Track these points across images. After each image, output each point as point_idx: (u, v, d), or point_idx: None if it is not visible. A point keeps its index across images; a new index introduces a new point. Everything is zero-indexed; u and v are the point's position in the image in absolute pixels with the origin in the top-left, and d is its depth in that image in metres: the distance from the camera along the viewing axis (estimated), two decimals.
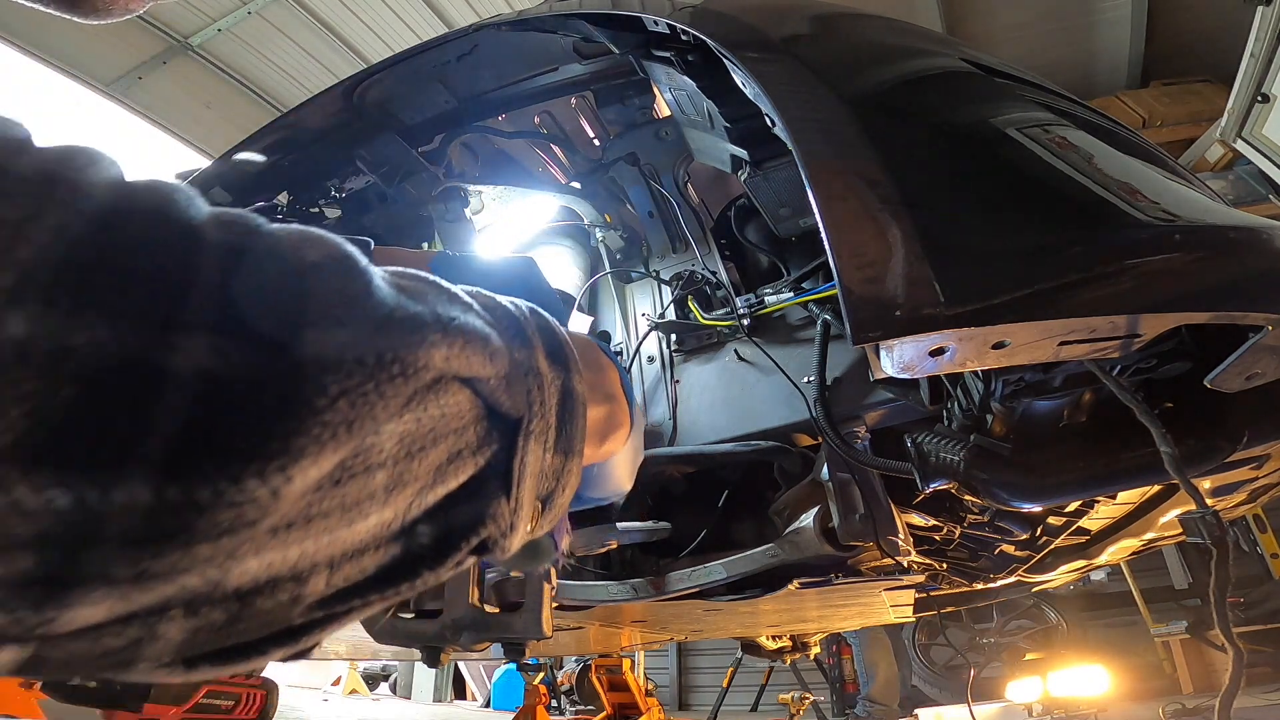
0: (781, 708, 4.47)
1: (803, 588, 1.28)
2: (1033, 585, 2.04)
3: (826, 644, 5.33)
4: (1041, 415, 0.94)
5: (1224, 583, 0.78)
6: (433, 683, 7.10)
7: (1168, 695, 4.14)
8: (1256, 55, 3.23)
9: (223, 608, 0.23)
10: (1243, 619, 4.17)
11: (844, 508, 1.16)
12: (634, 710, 4.20)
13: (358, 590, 0.28)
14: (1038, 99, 0.92)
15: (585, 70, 1.58)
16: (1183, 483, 0.78)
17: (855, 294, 0.68)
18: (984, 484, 0.96)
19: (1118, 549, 1.57)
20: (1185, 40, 5.22)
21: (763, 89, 0.85)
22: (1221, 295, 0.67)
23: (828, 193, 0.73)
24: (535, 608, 0.84)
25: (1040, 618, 5.03)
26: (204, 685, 2.39)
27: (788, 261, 1.59)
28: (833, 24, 1.05)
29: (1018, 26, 5.15)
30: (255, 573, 0.24)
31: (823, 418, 1.13)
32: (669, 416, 1.51)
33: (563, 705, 5.41)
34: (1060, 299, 0.65)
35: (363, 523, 0.26)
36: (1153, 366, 0.83)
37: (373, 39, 5.37)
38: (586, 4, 1.33)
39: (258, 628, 0.25)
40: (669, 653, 7.33)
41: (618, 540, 1.02)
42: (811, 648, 3.13)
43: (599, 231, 1.93)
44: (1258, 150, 3.45)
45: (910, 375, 0.74)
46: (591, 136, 1.89)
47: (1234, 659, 0.75)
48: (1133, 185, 0.75)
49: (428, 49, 1.57)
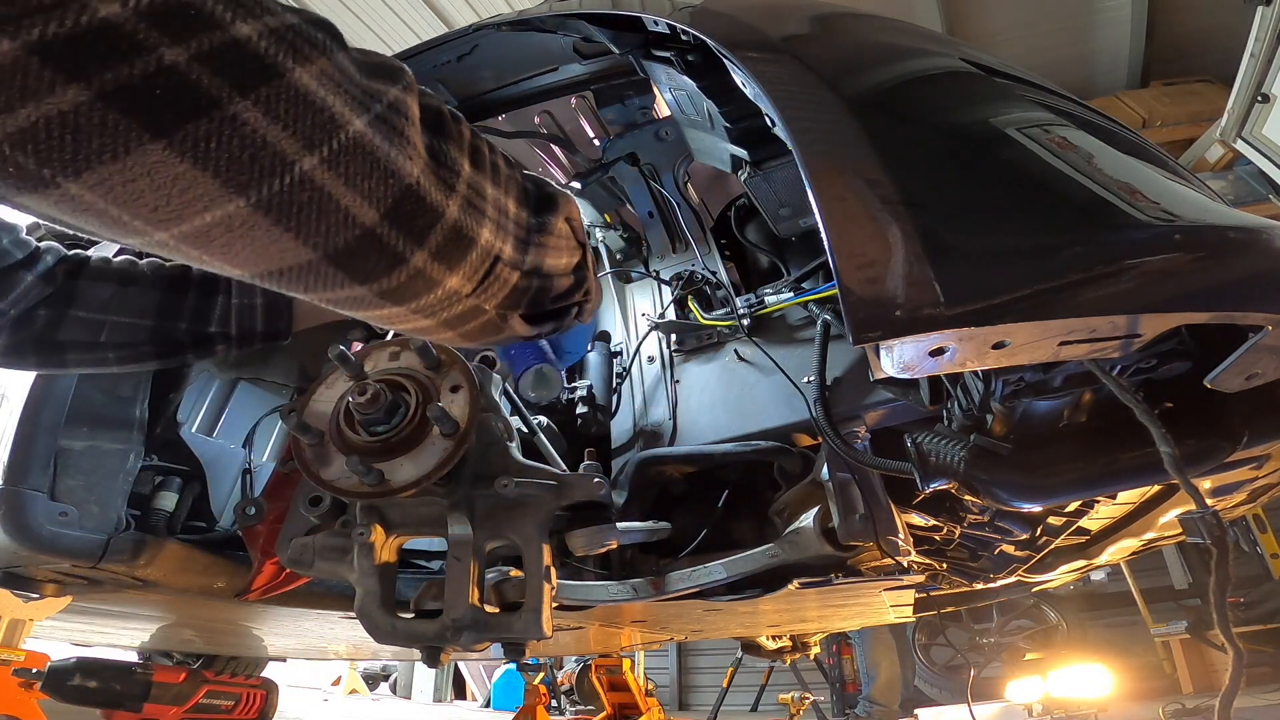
0: (781, 708, 4.47)
1: (803, 588, 1.28)
2: (1033, 585, 2.04)
3: (826, 644, 5.34)
4: (1041, 415, 0.94)
5: (1224, 583, 0.78)
6: (433, 683, 7.10)
7: (1168, 695, 4.14)
8: (1256, 55, 3.23)
9: None
10: (1243, 619, 4.17)
11: (844, 508, 1.16)
12: (634, 710, 4.20)
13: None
14: (1038, 99, 0.92)
15: (585, 70, 1.58)
16: (1183, 483, 0.78)
17: (855, 294, 0.68)
18: (984, 484, 0.96)
19: (1118, 549, 1.57)
20: (1185, 40, 5.23)
21: (763, 89, 0.85)
22: (1221, 295, 0.67)
23: (828, 193, 0.73)
24: (535, 608, 0.84)
25: (1040, 618, 5.03)
26: (204, 685, 2.39)
27: (788, 261, 1.59)
28: (833, 24, 1.05)
29: (1018, 26, 5.16)
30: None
31: (823, 418, 1.13)
32: (669, 416, 1.51)
33: (563, 705, 5.42)
34: (1060, 299, 0.65)
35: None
36: (1153, 366, 0.83)
37: (373, 39, 5.37)
38: (586, 4, 1.32)
39: None
40: (669, 653, 7.34)
41: (618, 540, 1.02)
42: (811, 648, 3.13)
43: (599, 231, 1.93)
44: (1258, 150, 3.45)
45: (910, 375, 0.74)
46: (591, 136, 1.89)
47: (1234, 659, 0.75)
48: (1133, 185, 0.75)
49: (428, 49, 1.57)
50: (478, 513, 0.87)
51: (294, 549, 0.91)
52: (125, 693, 2.18)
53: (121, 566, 1.36)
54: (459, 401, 0.85)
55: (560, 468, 1.05)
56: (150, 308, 0.90)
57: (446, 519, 0.86)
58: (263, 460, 2.09)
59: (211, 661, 3.46)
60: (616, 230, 1.93)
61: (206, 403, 2.02)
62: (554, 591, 0.89)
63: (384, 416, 0.82)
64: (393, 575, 0.88)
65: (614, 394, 1.60)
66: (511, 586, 0.98)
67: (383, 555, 0.86)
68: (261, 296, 0.94)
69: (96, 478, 1.37)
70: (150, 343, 0.89)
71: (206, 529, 1.61)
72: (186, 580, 1.47)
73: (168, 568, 1.41)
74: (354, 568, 0.85)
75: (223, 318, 0.92)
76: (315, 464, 0.84)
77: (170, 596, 1.62)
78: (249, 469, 1.90)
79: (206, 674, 2.48)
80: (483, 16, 2.22)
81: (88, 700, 2.11)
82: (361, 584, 0.84)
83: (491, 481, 0.87)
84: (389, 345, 0.93)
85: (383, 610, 0.84)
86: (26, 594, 1.59)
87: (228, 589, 1.52)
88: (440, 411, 0.80)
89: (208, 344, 0.92)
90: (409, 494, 0.81)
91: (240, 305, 0.93)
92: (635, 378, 1.63)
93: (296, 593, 1.38)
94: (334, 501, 0.90)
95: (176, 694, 2.29)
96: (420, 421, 0.83)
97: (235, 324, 0.92)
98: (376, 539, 0.85)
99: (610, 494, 1.09)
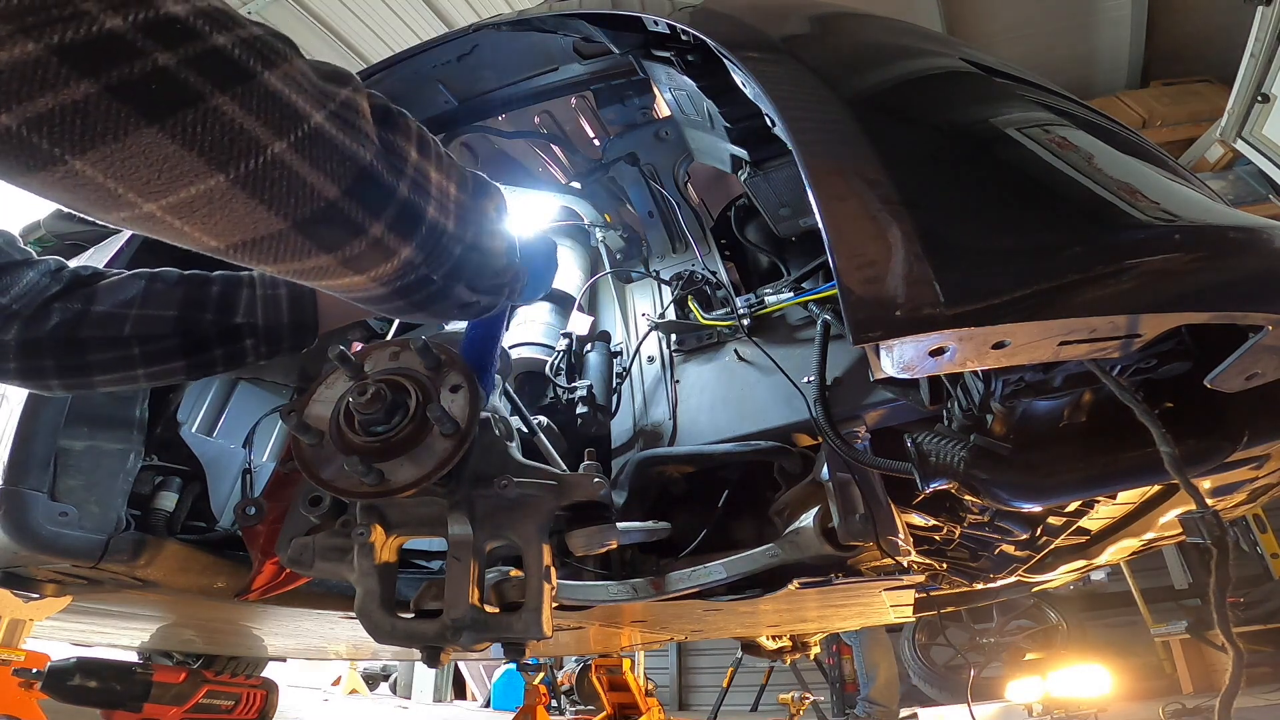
0: (781, 708, 4.47)
1: (803, 588, 1.28)
2: (1033, 585, 2.04)
3: (826, 644, 5.33)
4: (1041, 415, 0.94)
5: (1224, 583, 0.78)
6: (433, 683, 7.10)
7: (1168, 695, 4.14)
8: (1256, 55, 3.23)
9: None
10: (1243, 619, 4.17)
11: (844, 508, 1.16)
12: (634, 710, 4.20)
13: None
14: (1038, 99, 0.92)
15: (585, 70, 1.58)
16: (1183, 483, 0.78)
17: (855, 294, 0.68)
18: (984, 484, 0.96)
19: (1118, 549, 1.57)
20: (1185, 40, 5.23)
21: (763, 89, 0.85)
22: (1221, 295, 0.67)
23: (828, 193, 0.73)
24: (535, 608, 0.84)
25: (1040, 618, 5.03)
26: (204, 685, 2.39)
27: (788, 261, 1.59)
28: (833, 24, 1.05)
29: (1018, 26, 5.16)
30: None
31: (823, 418, 1.13)
32: (669, 416, 1.51)
33: (563, 705, 5.41)
34: (1060, 299, 0.65)
35: None
36: (1153, 366, 0.83)
37: (373, 39, 5.37)
38: (586, 4, 1.33)
39: None
40: (669, 653, 7.34)
41: (617, 540, 1.02)
42: (811, 648, 3.13)
43: (599, 231, 1.93)
44: (1258, 150, 3.45)
45: (910, 375, 0.74)
46: (591, 136, 1.89)
47: (1234, 659, 0.75)
48: (1133, 185, 0.75)
49: (428, 49, 1.57)
50: (478, 513, 0.87)
51: (294, 549, 0.91)
52: (125, 693, 2.18)
53: (121, 566, 1.36)
54: (459, 401, 0.85)
55: (560, 468, 1.05)
56: (174, 300, 0.87)
57: (446, 519, 0.86)
58: (263, 460, 2.09)
59: (211, 661, 3.46)
60: (616, 230, 1.93)
61: (206, 403, 2.02)
62: (554, 591, 0.89)
63: (384, 416, 0.82)
64: (393, 575, 0.88)
65: (614, 394, 1.60)
66: (511, 586, 0.98)
67: (383, 555, 0.86)
68: (286, 287, 0.92)
69: (96, 478, 1.37)
70: (176, 334, 0.86)
71: (206, 529, 1.61)
72: (186, 580, 1.47)
73: (168, 568, 1.41)
74: (354, 568, 0.85)
75: (248, 308, 0.90)
76: (315, 464, 0.84)
77: (170, 596, 1.62)
78: (249, 469, 1.90)
79: (206, 674, 2.48)
80: (483, 16, 2.22)
81: (88, 700, 2.11)
82: (361, 584, 0.84)
83: (491, 481, 0.87)
84: (389, 345, 0.93)
85: (383, 610, 0.84)
86: (26, 594, 1.59)
87: (228, 589, 1.52)
88: (440, 411, 0.80)
89: (235, 336, 0.89)
90: (409, 494, 0.81)
91: (265, 295, 0.91)
92: (635, 378, 1.63)
93: (296, 593, 1.38)
94: (334, 501, 0.90)
95: (176, 694, 2.29)
96: (420, 421, 0.83)
97: (261, 314, 0.90)
98: (376, 539, 0.85)
99: (610, 494, 1.09)
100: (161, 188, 0.43)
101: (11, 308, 0.81)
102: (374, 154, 0.53)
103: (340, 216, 0.51)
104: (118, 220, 0.46)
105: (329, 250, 0.53)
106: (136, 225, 0.47)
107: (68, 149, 0.39)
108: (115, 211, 0.45)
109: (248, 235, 0.49)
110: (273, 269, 0.53)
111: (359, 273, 0.56)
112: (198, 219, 0.46)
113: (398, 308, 0.65)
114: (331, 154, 0.49)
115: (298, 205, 0.48)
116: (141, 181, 0.43)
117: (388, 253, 0.56)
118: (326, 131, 0.49)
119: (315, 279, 0.56)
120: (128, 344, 0.85)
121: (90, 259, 1.72)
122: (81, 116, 0.38)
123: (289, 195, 0.48)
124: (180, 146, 0.42)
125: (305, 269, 0.54)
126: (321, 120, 0.48)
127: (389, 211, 0.55)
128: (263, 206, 0.47)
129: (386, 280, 0.59)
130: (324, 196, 0.49)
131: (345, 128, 0.50)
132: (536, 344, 1.63)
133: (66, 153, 0.39)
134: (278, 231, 0.49)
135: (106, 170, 0.41)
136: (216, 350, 0.89)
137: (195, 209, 0.46)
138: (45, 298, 0.83)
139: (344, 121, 0.50)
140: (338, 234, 0.52)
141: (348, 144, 0.50)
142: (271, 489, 1.11)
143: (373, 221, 0.54)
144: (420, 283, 0.62)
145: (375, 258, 0.56)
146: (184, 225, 0.47)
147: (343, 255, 0.54)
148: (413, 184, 0.57)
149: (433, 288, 0.64)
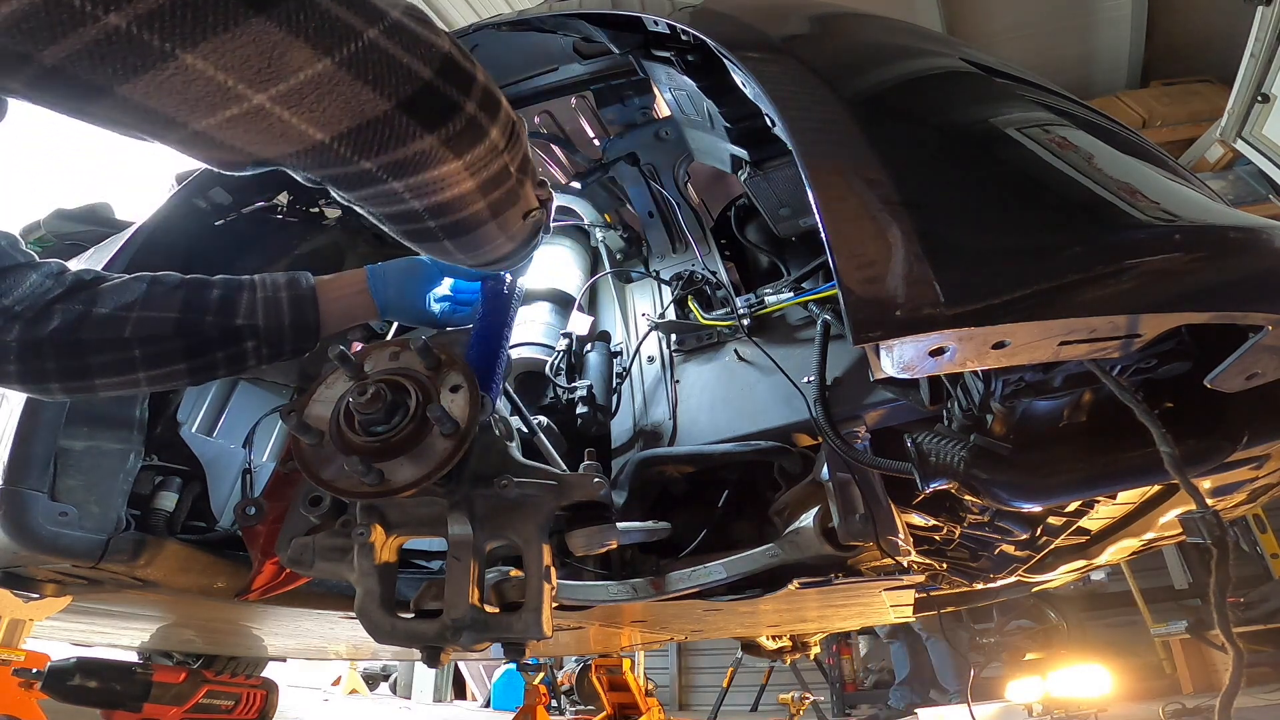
0: (781, 708, 4.47)
1: (803, 588, 1.28)
2: (1033, 585, 2.04)
3: (826, 644, 5.33)
4: (1041, 415, 0.94)
5: (1224, 583, 0.78)
6: (433, 683, 7.10)
7: (1168, 695, 4.14)
8: (1256, 55, 3.22)
9: None
10: (1243, 619, 4.16)
11: (844, 508, 1.16)
12: (634, 710, 4.20)
13: None
14: (1038, 99, 0.92)
15: (585, 70, 1.58)
16: (1183, 483, 0.78)
17: (855, 294, 0.68)
18: (984, 484, 0.96)
19: (1118, 549, 1.57)
20: (1185, 40, 5.22)
21: (763, 89, 0.85)
22: (1221, 295, 0.67)
23: (828, 193, 0.73)
24: (535, 608, 0.84)
25: (1040, 618, 5.02)
26: (204, 685, 2.39)
27: (788, 261, 1.59)
28: (833, 24, 1.05)
29: (1018, 26, 5.15)
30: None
31: (823, 418, 1.13)
32: (669, 416, 1.51)
33: (563, 705, 5.41)
34: (1060, 299, 0.65)
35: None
36: (1153, 366, 0.83)
37: None
38: (586, 4, 1.32)
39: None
40: (669, 653, 7.34)
41: (618, 540, 1.02)
42: (811, 648, 3.13)
43: (599, 231, 1.93)
44: (1258, 150, 3.45)
45: (910, 375, 0.74)
46: (591, 136, 1.89)
47: (1234, 659, 0.75)
48: (1133, 185, 0.75)
49: None
50: (478, 513, 0.87)
51: (294, 549, 0.91)
52: (125, 693, 2.18)
53: (121, 566, 1.36)
54: (459, 401, 0.85)
55: (560, 468, 1.05)
56: (175, 302, 0.87)
57: (446, 519, 0.86)
58: (263, 460, 2.09)
59: (211, 661, 3.45)
60: (616, 230, 1.93)
61: (206, 403, 2.02)
62: (554, 591, 0.89)
63: (384, 416, 0.82)
64: (393, 575, 0.88)
65: (614, 394, 1.60)
66: (511, 586, 0.98)
67: (383, 555, 0.86)
68: (286, 290, 0.93)
69: (96, 478, 1.37)
70: (177, 336, 0.86)
71: (206, 529, 1.61)
72: (186, 580, 1.47)
73: (168, 568, 1.41)
74: (354, 568, 0.85)
75: (249, 310, 0.90)
76: (315, 464, 0.84)
77: (170, 596, 1.62)
78: (249, 469, 1.90)
79: (206, 674, 2.48)
80: (483, 16, 2.22)
81: (88, 700, 2.11)
82: (361, 584, 0.84)
83: (491, 481, 0.87)
84: (389, 345, 0.93)
85: (383, 610, 0.84)
86: (26, 594, 1.59)
87: (228, 589, 1.52)
88: (440, 411, 0.80)
89: (236, 339, 0.89)
90: (409, 494, 0.81)
91: (266, 298, 0.91)
92: (635, 378, 1.63)
93: (296, 593, 1.38)
94: (334, 501, 0.90)
95: (176, 694, 2.28)
96: (420, 421, 0.83)
97: (262, 316, 0.90)
98: (376, 539, 0.85)
99: (610, 494, 1.09)
100: (272, 75, 0.46)
101: (13, 309, 0.81)
102: (450, 43, 0.57)
103: (438, 94, 0.55)
104: (219, 123, 0.48)
105: (432, 129, 0.56)
106: (238, 125, 0.49)
107: (179, 43, 0.41)
108: (222, 109, 0.47)
109: (355, 120, 0.52)
110: (373, 163, 0.56)
111: (458, 156, 0.59)
112: (305, 107, 0.49)
113: (478, 208, 0.66)
114: (416, 41, 0.53)
115: (399, 84, 0.52)
116: (253, 71, 0.45)
117: (480, 132, 0.60)
118: (406, 24, 0.53)
119: (412, 173, 0.58)
120: (129, 346, 0.84)
121: (90, 260, 1.72)
122: (192, 9, 0.40)
123: (390, 74, 0.51)
124: (287, 33, 0.45)
125: (407, 157, 0.56)
126: (399, 16, 0.53)
127: (475, 90, 0.58)
128: (368, 88, 0.50)
129: (477, 166, 0.61)
130: (420, 76, 0.53)
131: (420, 23, 0.55)
132: (536, 344, 1.63)
133: (178, 47, 0.41)
134: (383, 113, 0.52)
135: (218, 62, 0.43)
136: (218, 353, 0.89)
137: (304, 95, 0.48)
138: (47, 300, 0.83)
139: (417, 17, 0.55)
140: (437, 111, 0.56)
141: (427, 34, 0.55)
142: (271, 489, 1.11)
143: (465, 99, 0.57)
144: (502, 175, 0.65)
145: (471, 137, 0.59)
146: (292, 116, 0.49)
147: (444, 134, 0.57)
148: (485, 73, 0.61)
149: (509, 183, 0.67)
